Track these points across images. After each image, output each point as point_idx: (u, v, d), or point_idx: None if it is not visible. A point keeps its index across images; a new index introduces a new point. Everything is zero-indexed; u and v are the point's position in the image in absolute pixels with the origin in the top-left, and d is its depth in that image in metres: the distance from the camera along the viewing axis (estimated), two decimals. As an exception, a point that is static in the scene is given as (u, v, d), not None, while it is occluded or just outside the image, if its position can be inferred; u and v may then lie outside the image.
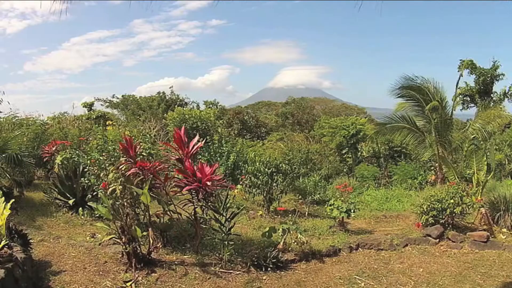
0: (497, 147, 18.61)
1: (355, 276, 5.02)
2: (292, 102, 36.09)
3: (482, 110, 17.63)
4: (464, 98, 24.34)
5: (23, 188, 9.37)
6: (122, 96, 31.44)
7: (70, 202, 7.90)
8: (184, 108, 18.92)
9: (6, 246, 4.81)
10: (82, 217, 7.68)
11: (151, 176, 4.81)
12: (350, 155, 21.22)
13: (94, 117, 24.45)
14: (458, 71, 22.35)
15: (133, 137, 5.46)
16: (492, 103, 22.83)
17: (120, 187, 4.92)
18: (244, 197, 9.57)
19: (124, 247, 4.97)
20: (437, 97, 12.11)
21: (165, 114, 19.03)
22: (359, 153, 21.30)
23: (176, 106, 23.23)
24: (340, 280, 4.91)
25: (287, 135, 23.56)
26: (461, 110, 24.67)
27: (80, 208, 7.81)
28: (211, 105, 28.65)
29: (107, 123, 13.46)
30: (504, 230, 7.63)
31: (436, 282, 5.01)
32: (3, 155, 8.76)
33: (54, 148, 10.02)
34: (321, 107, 41.88)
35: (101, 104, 30.33)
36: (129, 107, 29.38)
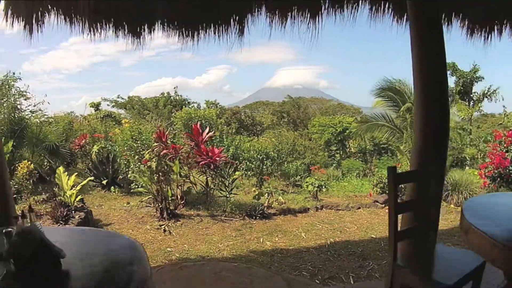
0: (473, 143, 20.77)
1: (316, 223, 7.21)
2: (289, 101, 37.47)
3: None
4: (445, 98, 26.27)
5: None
6: (128, 97, 33.38)
7: (104, 182, 10.00)
8: (190, 108, 20.97)
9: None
10: (114, 193, 9.62)
11: (179, 154, 7.02)
12: (338, 151, 23.27)
13: (102, 116, 26.49)
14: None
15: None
16: (472, 103, 24.86)
17: (155, 163, 7.12)
18: (241, 182, 11.69)
19: (157, 204, 7.17)
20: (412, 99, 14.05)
21: (172, 114, 21.05)
22: (348, 149, 23.30)
23: (181, 106, 25.30)
24: (306, 225, 7.10)
25: (280, 133, 25.51)
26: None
27: (112, 187, 9.85)
28: (212, 105, 30.64)
29: (123, 121, 15.58)
30: (452, 206, 9.19)
31: (373, 228, 7.14)
32: (43, 145, 10.91)
33: (83, 141, 12.07)
34: (317, 106, 43.33)
35: (108, 104, 32.28)
36: (135, 107, 31.31)
